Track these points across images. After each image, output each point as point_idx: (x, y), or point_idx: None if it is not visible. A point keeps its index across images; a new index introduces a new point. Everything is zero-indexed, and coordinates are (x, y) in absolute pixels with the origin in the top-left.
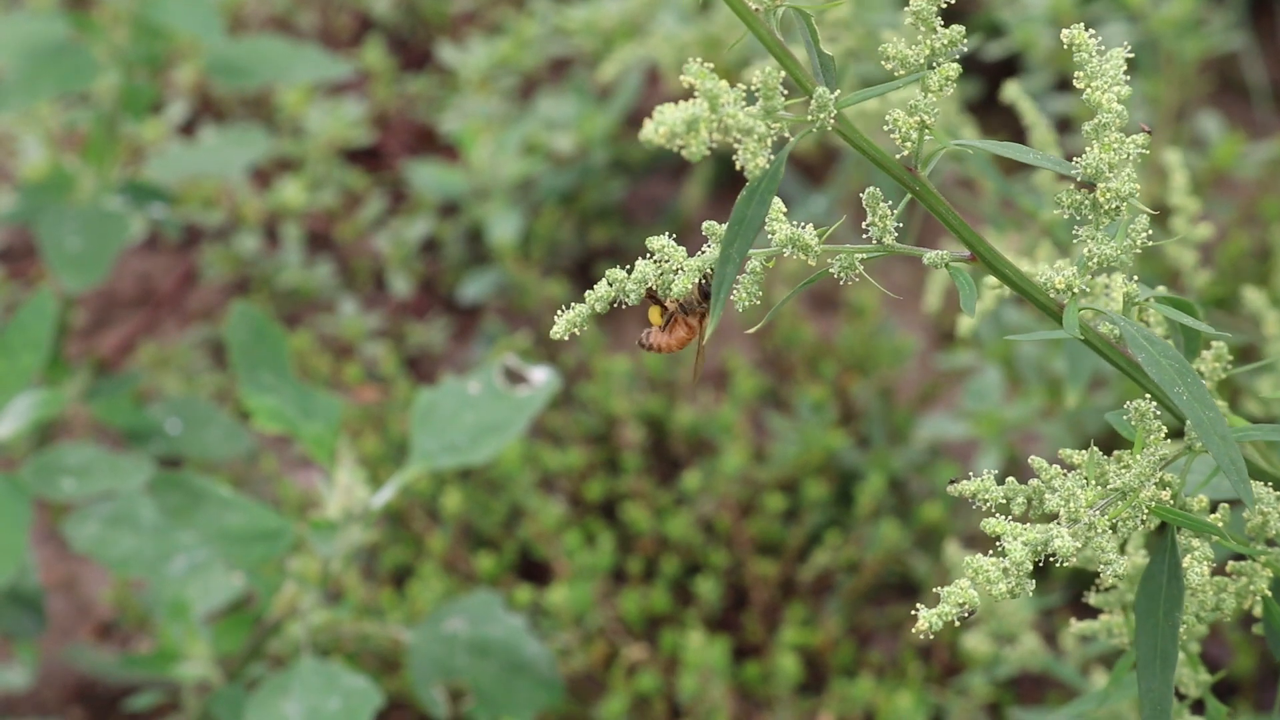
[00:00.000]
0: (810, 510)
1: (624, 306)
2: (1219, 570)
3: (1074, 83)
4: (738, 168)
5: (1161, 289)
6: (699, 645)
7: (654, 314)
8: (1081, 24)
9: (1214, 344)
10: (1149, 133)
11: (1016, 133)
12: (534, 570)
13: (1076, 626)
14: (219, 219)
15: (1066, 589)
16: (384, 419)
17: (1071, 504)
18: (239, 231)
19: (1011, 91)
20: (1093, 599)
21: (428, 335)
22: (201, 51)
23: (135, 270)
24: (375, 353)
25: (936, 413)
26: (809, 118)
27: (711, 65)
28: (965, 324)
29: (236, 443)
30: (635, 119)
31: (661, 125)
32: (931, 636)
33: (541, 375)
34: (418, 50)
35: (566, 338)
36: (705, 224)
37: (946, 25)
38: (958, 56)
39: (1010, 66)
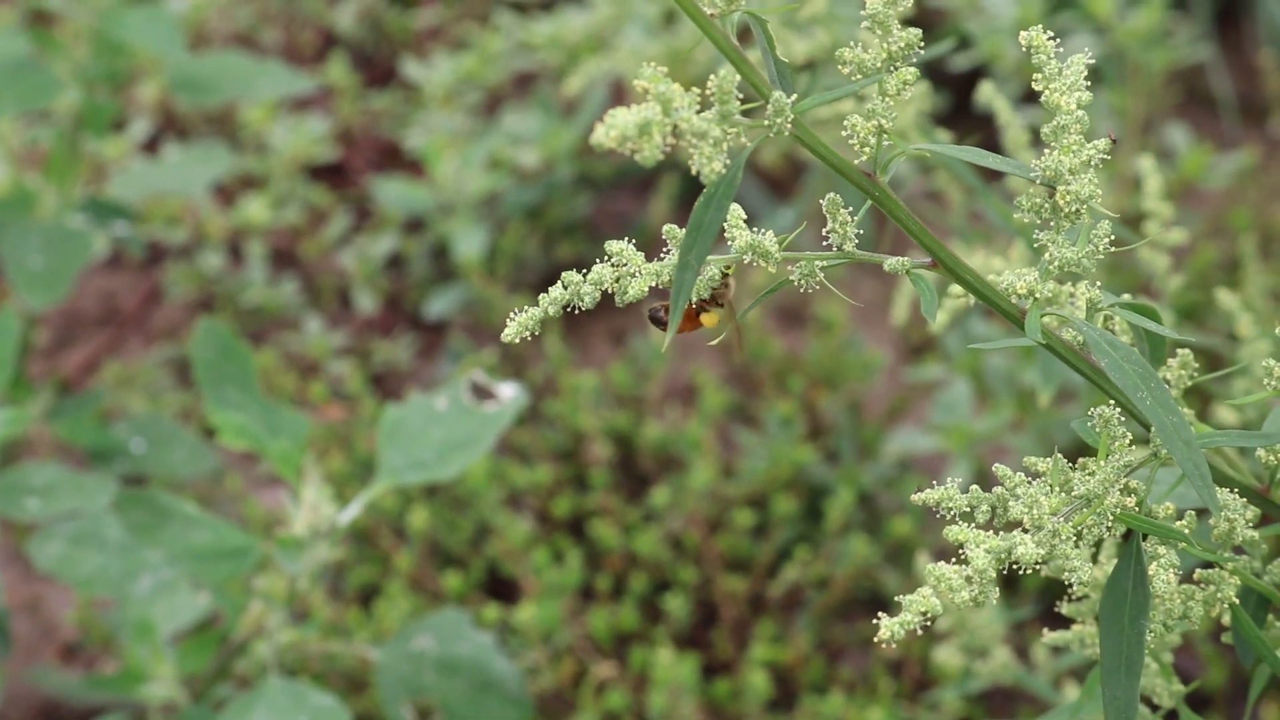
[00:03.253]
0: (779, 526)
1: (578, 312)
2: (1186, 578)
3: (1033, 84)
4: (694, 173)
5: (1126, 296)
6: (668, 662)
7: (708, 319)
8: (1039, 26)
9: (1180, 351)
10: (1114, 140)
11: (986, 144)
12: (502, 588)
13: (1049, 637)
14: (183, 237)
15: (1038, 602)
16: (350, 437)
17: (1035, 511)
18: (203, 249)
19: (986, 92)
20: (1065, 609)
21: (393, 352)
22: (164, 68)
23: (98, 289)
24: (341, 370)
25: (905, 427)
26: (766, 123)
27: (666, 71)
28: (936, 325)
29: (201, 461)
30: None
31: (613, 129)
32: (894, 646)
33: (509, 391)
34: (382, 66)
35: (518, 341)
36: (665, 228)
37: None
38: (915, 61)
39: (977, 78)
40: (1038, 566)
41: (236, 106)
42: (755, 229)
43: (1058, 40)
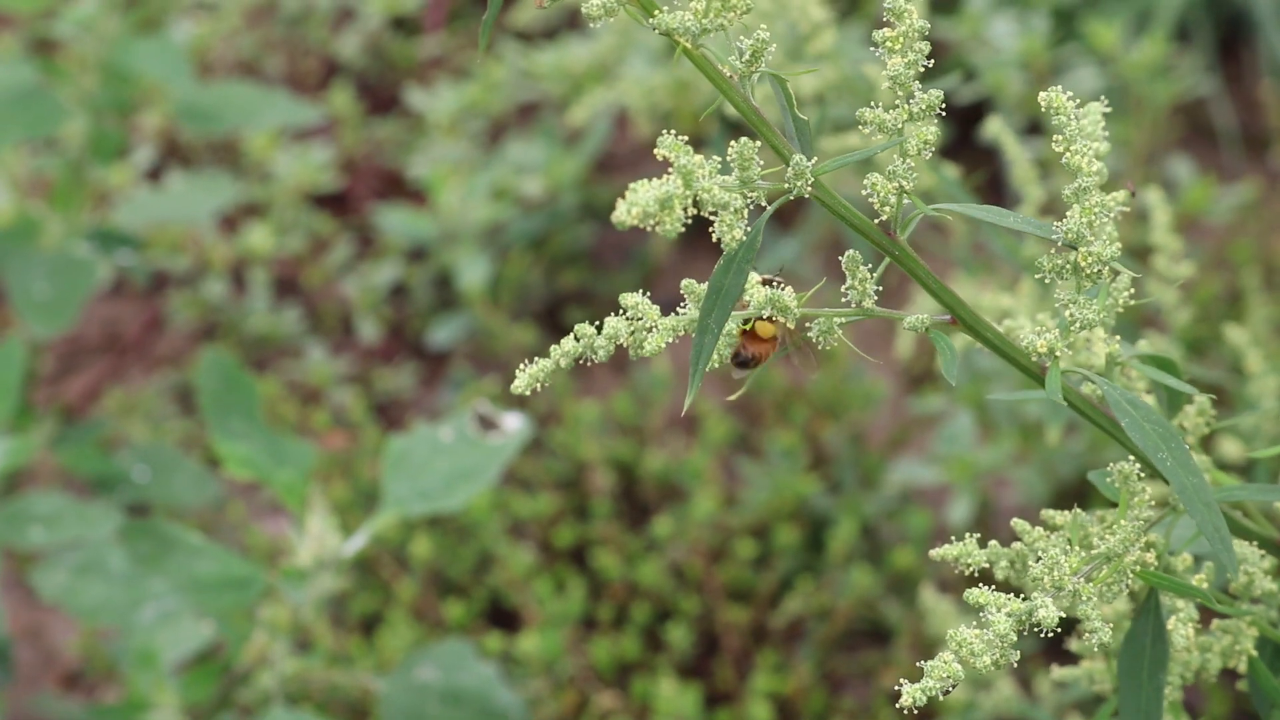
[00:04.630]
0: (781, 556)
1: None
2: (1203, 621)
3: (1053, 145)
4: (714, 240)
5: (1144, 343)
6: (670, 693)
7: (764, 329)
8: (1059, 86)
9: (1196, 399)
10: (1133, 193)
11: (991, 175)
12: (504, 618)
13: (1057, 673)
14: (186, 265)
15: (1041, 636)
16: (352, 465)
17: (1055, 572)
18: (206, 277)
19: (994, 127)
20: (1073, 645)
21: (396, 381)
22: (169, 97)
23: (102, 316)
24: (343, 399)
25: (908, 458)
26: (786, 185)
27: (685, 137)
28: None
29: (204, 490)
30: (604, 163)
31: (634, 206)
32: (915, 711)
33: (514, 422)
34: (385, 95)
35: (529, 393)
36: (684, 283)
37: (922, 78)
38: (936, 119)
39: (981, 110)
40: (1058, 630)
41: (240, 135)
42: (760, 263)
43: (1071, 95)
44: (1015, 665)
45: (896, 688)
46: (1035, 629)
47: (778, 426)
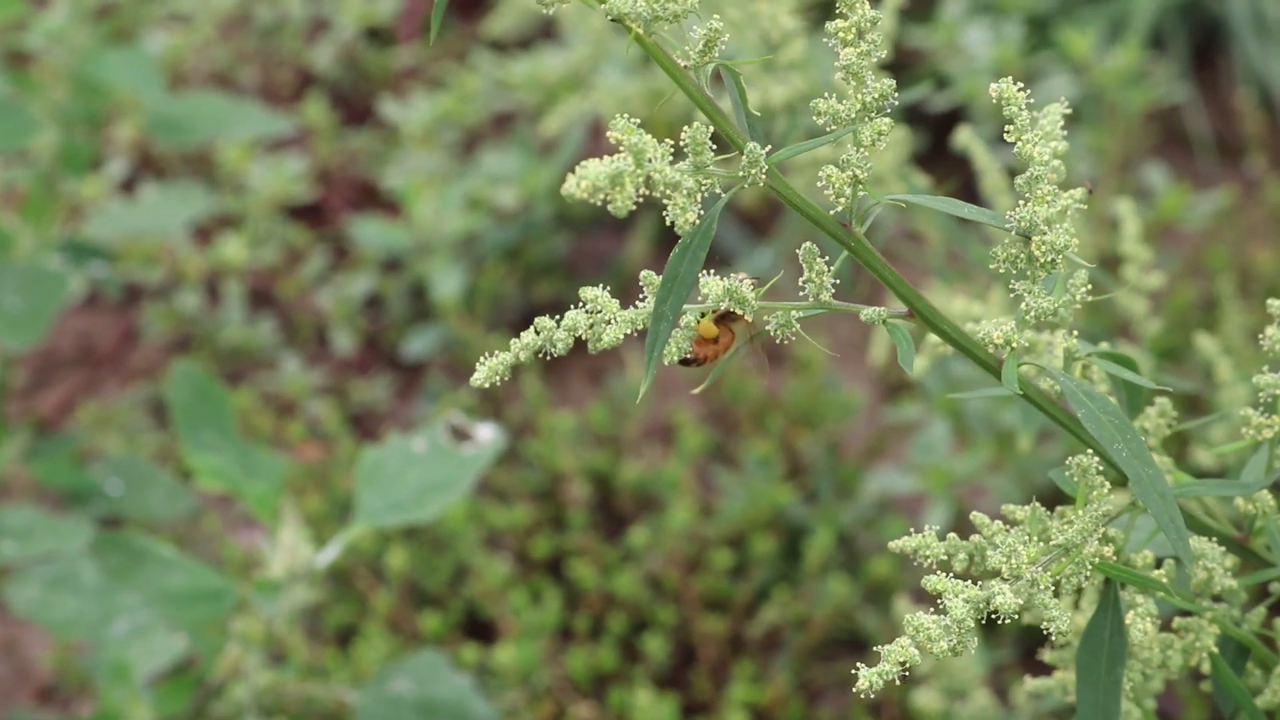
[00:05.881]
0: (758, 566)
1: (552, 358)
2: (1165, 626)
3: (1005, 136)
4: (668, 223)
5: (1104, 344)
6: (647, 703)
7: (706, 328)
8: (1010, 78)
9: (1158, 399)
10: (1090, 190)
11: (965, 183)
12: (480, 629)
13: (1030, 684)
14: (160, 277)
15: (1017, 645)
16: (327, 477)
17: (1013, 561)
18: (180, 289)
19: (963, 137)
20: (1047, 656)
21: (371, 392)
22: (141, 108)
23: (75, 329)
24: (318, 410)
25: (884, 467)
26: (741, 174)
27: (640, 121)
28: (916, 371)
29: (178, 502)
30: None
31: (584, 179)
32: (873, 695)
33: (488, 433)
34: (359, 105)
35: (488, 385)
36: (643, 274)
37: (894, 83)
38: (889, 109)
39: (956, 118)
40: (1016, 616)
41: (214, 146)
42: (733, 271)
43: (1029, 92)
44: (991, 674)
45: (854, 672)
46: (994, 617)
47: (754, 436)
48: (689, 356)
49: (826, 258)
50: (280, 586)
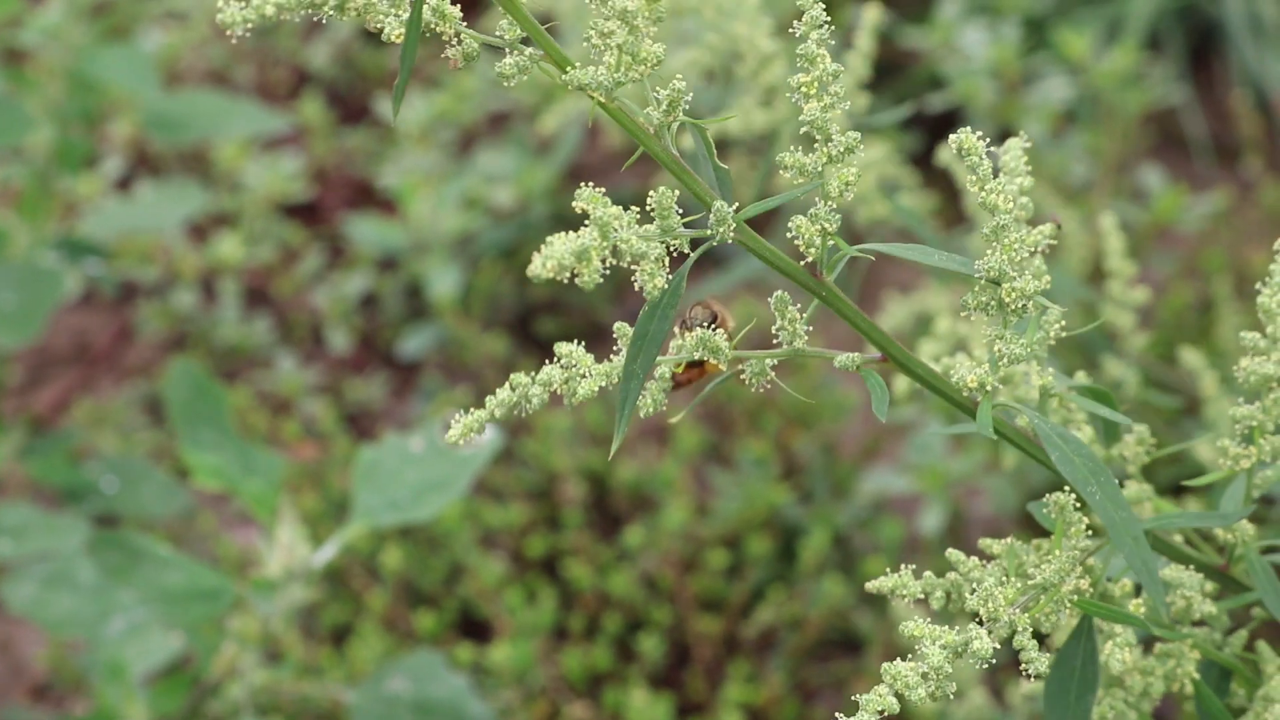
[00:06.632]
0: (753, 566)
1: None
2: (1147, 648)
3: (968, 185)
4: (636, 289)
5: (1081, 375)
6: (642, 703)
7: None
8: (968, 128)
9: (1136, 428)
10: (1059, 225)
11: (955, 191)
12: (475, 628)
13: (1026, 688)
14: (155, 275)
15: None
16: (323, 476)
17: (990, 604)
18: (175, 287)
19: (946, 156)
20: (1023, 690)
21: (367, 391)
22: (138, 106)
23: (70, 327)
24: (314, 409)
25: (880, 467)
26: (709, 232)
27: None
28: (897, 396)
29: (174, 500)
30: (576, 172)
31: (549, 259)
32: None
33: (485, 432)
34: (356, 104)
35: (462, 443)
36: (616, 326)
37: (880, 82)
38: (855, 164)
39: (952, 119)
40: (992, 661)
41: (210, 144)
42: (711, 297)
43: (980, 133)
44: (987, 674)
45: (855, 699)
46: (972, 662)
47: (749, 436)
48: (677, 380)
49: (799, 305)
50: (277, 585)
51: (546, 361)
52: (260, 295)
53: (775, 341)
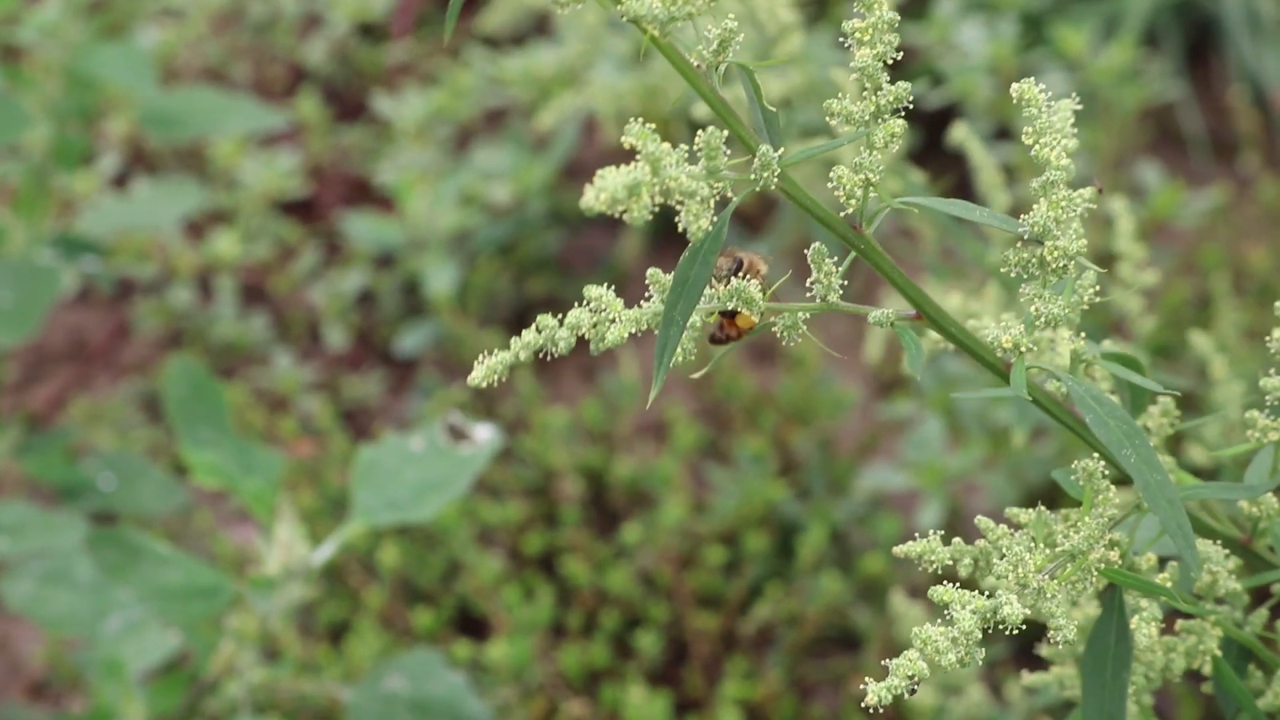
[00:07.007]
0: (751, 562)
1: (552, 357)
2: (1168, 625)
3: (1022, 138)
4: (680, 230)
5: (1108, 343)
6: (640, 700)
7: (745, 321)
8: (1031, 79)
9: (1160, 399)
10: (1100, 190)
11: (959, 180)
12: (472, 625)
13: (1028, 679)
14: (152, 272)
15: (1012, 640)
16: (320, 473)
17: (1020, 569)
18: (172, 284)
19: (959, 133)
20: (1044, 650)
21: (364, 388)
22: (134, 103)
23: (67, 324)
24: (311, 406)
25: (877, 463)
26: (752, 176)
27: (653, 126)
28: (914, 373)
29: (171, 498)
30: (573, 169)
31: (603, 191)
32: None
33: (485, 433)
34: (352, 101)
35: (485, 385)
36: (650, 271)
37: (891, 79)
38: (903, 112)
39: (949, 115)
40: (1022, 627)
41: (206, 141)
42: (748, 248)
43: (1044, 87)
44: (985, 670)
45: (863, 687)
46: (1001, 627)
47: (747, 432)
48: (723, 337)
49: (835, 258)
50: (275, 583)
51: (542, 358)
52: (257, 292)
53: (809, 295)
